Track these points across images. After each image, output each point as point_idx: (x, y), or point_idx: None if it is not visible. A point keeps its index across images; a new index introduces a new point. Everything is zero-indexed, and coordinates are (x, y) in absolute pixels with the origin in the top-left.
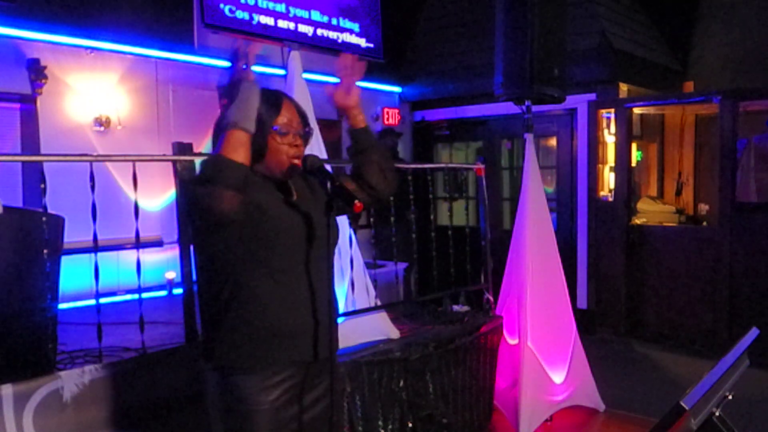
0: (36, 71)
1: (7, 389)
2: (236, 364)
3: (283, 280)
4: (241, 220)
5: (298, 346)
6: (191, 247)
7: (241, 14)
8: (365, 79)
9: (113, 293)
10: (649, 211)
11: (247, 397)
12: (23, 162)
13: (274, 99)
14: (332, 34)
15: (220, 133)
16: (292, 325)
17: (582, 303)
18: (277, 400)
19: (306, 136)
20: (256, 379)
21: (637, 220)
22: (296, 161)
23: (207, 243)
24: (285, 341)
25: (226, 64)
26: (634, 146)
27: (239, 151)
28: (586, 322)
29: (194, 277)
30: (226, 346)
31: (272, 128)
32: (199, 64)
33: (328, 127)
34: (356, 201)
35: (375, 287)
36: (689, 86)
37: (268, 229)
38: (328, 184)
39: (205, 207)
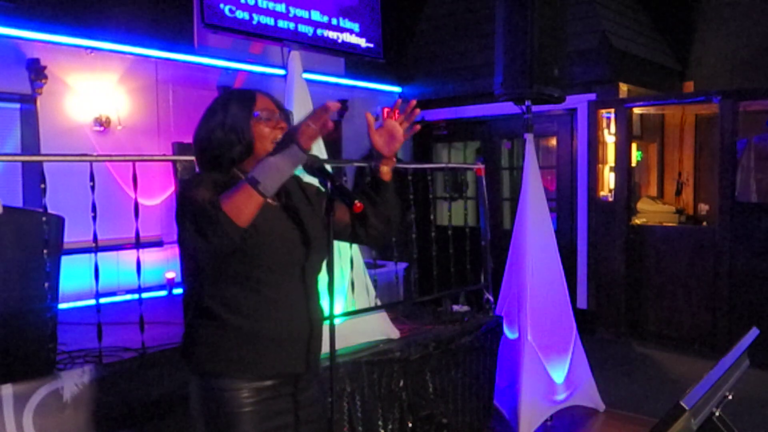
0: (36, 71)
1: (7, 389)
2: (217, 369)
3: (271, 291)
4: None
5: (287, 356)
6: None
7: (241, 14)
8: (365, 78)
9: (113, 293)
10: (649, 211)
11: (229, 401)
12: (23, 162)
13: (246, 94)
14: (332, 34)
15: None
16: (280, 335)
17: (582, 303)
18: (261, 404)
19: (288, 120)
20: (238, 383)
21: (637, 220)
22: None
23: (193, 250)
24: (271, 351)
25: (226, 64)
26: (634, 146)
27: (246, 216)
28: (586, 322)
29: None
30: (208, 350)
31: (253, 114)
32: (199, 64)
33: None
34: (356, 201)
35: (375, 287)
36: (689, 86)
37: (255, 246)
38: (329, 184)
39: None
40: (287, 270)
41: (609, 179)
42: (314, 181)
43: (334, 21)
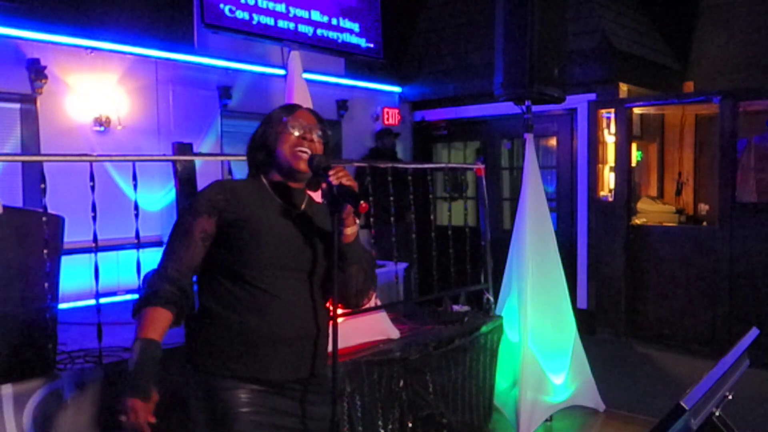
0: (36, 71)
1: (7, 389)
2: (213, 368)
3: (269, 291)
4: (220, 235)
5: (288, 360)
6: None
7: (241, 14)
8: (365, 78)
9: (113, 293)
10: (649, 211)
11: (227, 400)
12: (23, 162)
13: (288, 107)
14: (332, 34)
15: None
16: (280, 337)
17: (582, 303)
18: (261, 403)
19: (324, 137)
20: (233, 383)
21: (637, 220)
22: (304, 154)
23: None
24: (270, 354)
25: (226, 64)
26: (634, 146)
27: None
28: (586, 322)
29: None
30: (206, 347)
31: (282, 120)
32: (199, 64)
33: (328, 127)
34: (362, 201)
35: (375, 287)
36: (689, 86)
37: (248, 245)
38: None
39: None
40: (290, 272)
41: (609, 179)
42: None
43: (334, 21)
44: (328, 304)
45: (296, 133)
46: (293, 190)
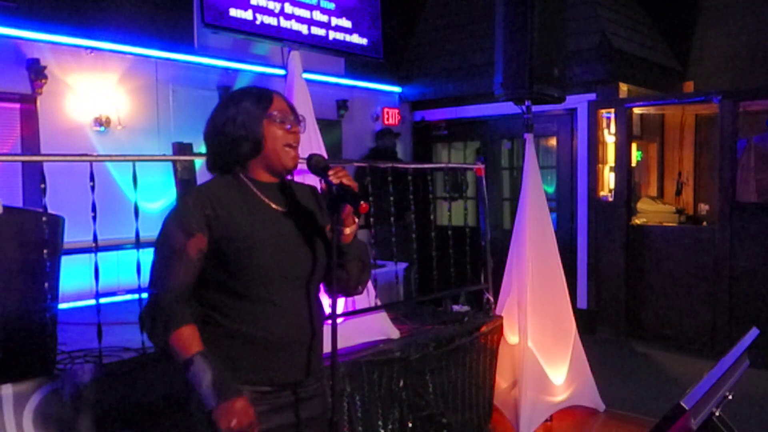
0: (36, 71)
1: (7, 389)
2: None
3: (265, 298)
4: (211, 251)
5: (285, 364)
6: None
7: (241, 14)
8: (365, 78)
9: (113, 293)
10: (649, 211)
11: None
12: (23, 162)
13: (263, 93)
14: (332, 34)
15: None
16: (278, 342)
17: (582, 303)
18: (258, 404)
19: (300, 125)
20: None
21: (637, 220)
22: (294, 150)
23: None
24: (267, 358)
25: (226, 64)
26: (634, 146)
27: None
28: (586, 322)
29: None
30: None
31: (268, 114)
32: (199, 64)
33: (328, 127)
34: (362, 202)
35: (375, 287)
36: (689, 86)
37: (242, 261)
38: (333, 184)
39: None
40: (287, 281)
41: (609, 179)
42: (317, 181)
43: (334, 21)
44: (324, 292)
45: (283, 128)
46: (279, 186)
